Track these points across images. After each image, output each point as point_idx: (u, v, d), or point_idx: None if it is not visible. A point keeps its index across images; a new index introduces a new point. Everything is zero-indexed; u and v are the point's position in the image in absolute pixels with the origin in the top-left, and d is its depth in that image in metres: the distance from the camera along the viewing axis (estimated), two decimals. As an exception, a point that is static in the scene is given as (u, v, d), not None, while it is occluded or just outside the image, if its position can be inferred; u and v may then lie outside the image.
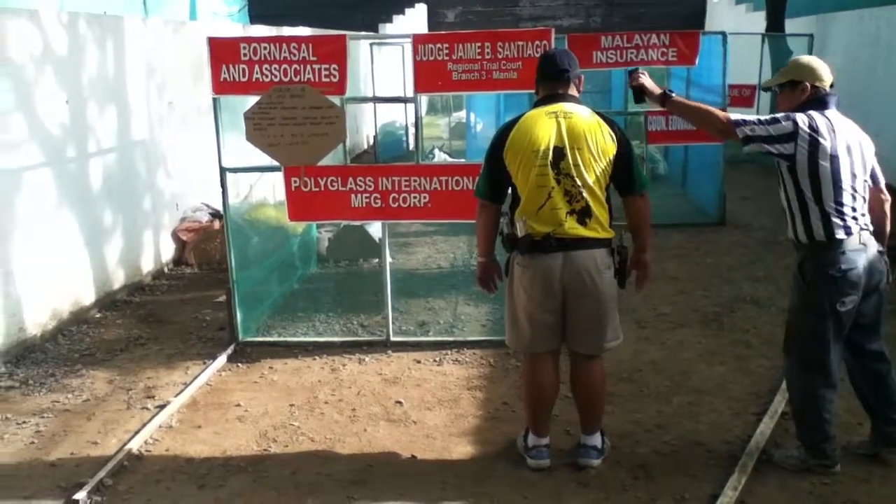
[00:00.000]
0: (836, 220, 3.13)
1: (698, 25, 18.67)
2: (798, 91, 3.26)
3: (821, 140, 3.10)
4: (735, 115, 3.26)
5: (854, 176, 3.16)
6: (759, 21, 14.69)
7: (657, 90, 3.43)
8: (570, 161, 3.17)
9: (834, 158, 3.11)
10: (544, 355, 3.39)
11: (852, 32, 10.48)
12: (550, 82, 3.32)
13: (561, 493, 3.28)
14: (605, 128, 3.24)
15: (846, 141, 3.16)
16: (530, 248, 3.23)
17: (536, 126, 3.22)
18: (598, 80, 12.41)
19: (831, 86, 3.26)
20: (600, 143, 3.20)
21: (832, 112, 3.20)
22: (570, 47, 6.91)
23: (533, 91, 3.48)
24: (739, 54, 8.41)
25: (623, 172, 3.26)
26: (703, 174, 8.49)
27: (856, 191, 3.17)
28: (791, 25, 12.01)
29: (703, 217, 8.06)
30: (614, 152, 3.22)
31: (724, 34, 7.50)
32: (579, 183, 3.17)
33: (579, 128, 3.19)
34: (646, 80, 3.45)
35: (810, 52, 9.90)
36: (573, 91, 3.34)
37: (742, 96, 11.11)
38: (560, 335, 3.36)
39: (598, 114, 3.30)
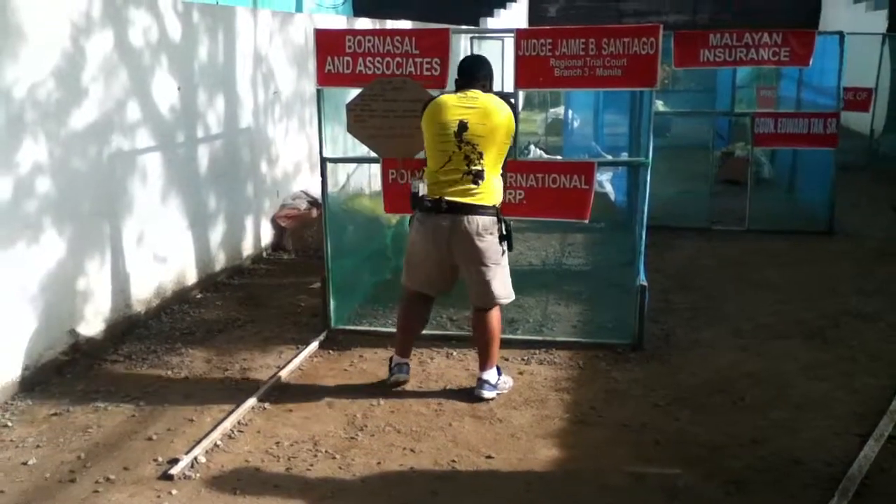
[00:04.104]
0: None
1: (811, 25, 17.86)
2: None
3: None
4: None
5: None
6: (877, 20, 13.93)
7: None
8: (471, 132, 3.81)
9: None
10: (418, 295, 4.17)
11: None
12: (462, 79, 4.03)
13: (648, 503, 3.20)
14: (505, 108, 3.90)
15: None
16: (426, 207, 3.87)
17: (447, 105, 3.90)
18: (703, 79, 12.03)
19: None
20: (495, 119, 3.85)
21: None
22: (676, 44, 6.75)
23: (635, 88, 3.52)
24: (855, 56, 8.01)
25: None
26: (812, 179, 8.12)
27: None
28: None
29: (809, 224, 7.69)
30: (511, 128, 3.93)
31: (841, 34, 7.16)
32: (479, 150, 3.81)
33: (481, 106, 3.86)
34: None
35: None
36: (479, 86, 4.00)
37: (857, 100, 10.58)
38: (438, 286, 4.14)
39: (499, 94, 4.01)
